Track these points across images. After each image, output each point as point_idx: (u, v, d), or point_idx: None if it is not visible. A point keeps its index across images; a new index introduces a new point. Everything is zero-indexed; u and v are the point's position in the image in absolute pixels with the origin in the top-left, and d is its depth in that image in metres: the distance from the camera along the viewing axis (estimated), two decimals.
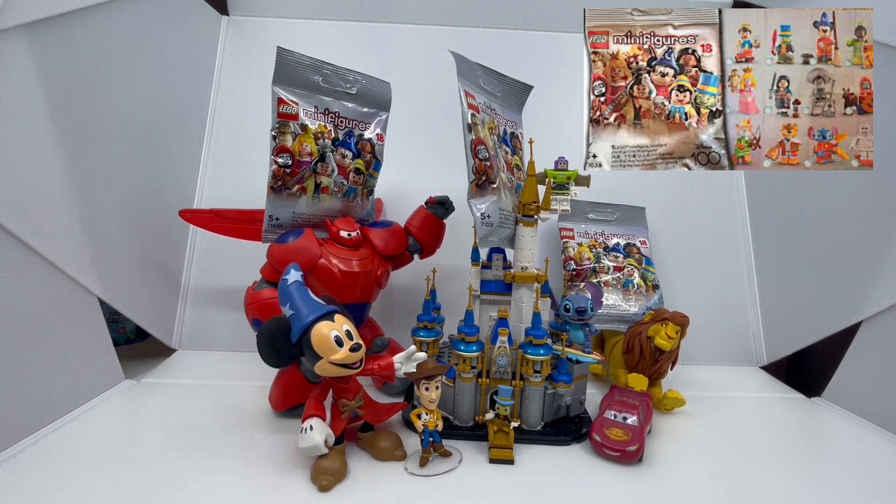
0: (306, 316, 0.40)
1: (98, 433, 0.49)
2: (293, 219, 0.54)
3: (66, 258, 0.53)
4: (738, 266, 0.81)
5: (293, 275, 0.42)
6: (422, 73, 0.83)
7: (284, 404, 0.53)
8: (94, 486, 0.41)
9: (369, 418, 0.47)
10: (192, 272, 0.76)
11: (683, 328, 0.58)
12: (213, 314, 0.75)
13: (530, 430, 0.51)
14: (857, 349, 0.62)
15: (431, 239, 0.61)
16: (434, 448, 0.45)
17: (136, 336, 0.79)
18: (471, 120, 0.50)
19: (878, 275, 0.60)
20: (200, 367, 0.68)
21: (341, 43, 0.86)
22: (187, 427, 0.51)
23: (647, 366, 0.58)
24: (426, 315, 0.56)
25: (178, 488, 0.41)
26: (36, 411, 0.49)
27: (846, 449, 0.53)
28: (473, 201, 0.50)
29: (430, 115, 0.82)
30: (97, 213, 0.59)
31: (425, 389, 0.45)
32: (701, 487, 0.44)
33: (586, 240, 0.74)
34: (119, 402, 0.56)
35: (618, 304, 0.69)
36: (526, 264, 0.53)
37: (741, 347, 0.78)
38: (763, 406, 0.63)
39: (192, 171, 0.79)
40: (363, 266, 0.54)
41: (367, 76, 0.57)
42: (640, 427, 0.49)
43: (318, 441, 0.40)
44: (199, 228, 0.65)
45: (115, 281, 0.61)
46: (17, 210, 0.47)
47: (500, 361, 0.50)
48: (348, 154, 0.56)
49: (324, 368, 0.40)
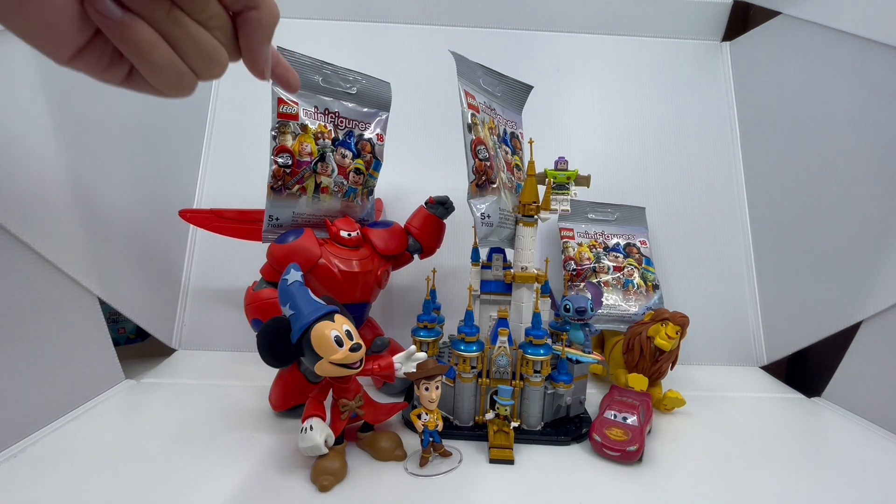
0: (306, 316, 0.40)
1: (98, 433, 0.49)
2: (293, 219, 0.54)
3: (66, 258, 0.53)
4: (738, 266, 0.81)
5: (293, 275, 0.42)
6: (422, 73, 0.83)
7: (284, 404, 0.53)
8: (94, 486, 0.41)
9: (369, 418, 0.47)
10: (192, 272, 0.76)
11: (683, 328, 0.58)
12: (213, 314, 0.75)
13: (530, 430, 0.51)
14: (857, 349, 0.62)
15: (431, 239, 0.61)
16: (434, 448, 0.45)
17: (136, 336, 0.79)
18: (471, 120, 0.50)
19: (878, 275, 0.60)
20: (200, 367, 0.68)
21: (341, 43, 0.86)
22: (187, 427, 0.51)
23: (647, 366, 0.58)
24: (426, 315, 0.56)
25: (177, 488, 0.41)
26: (36, 411, 0.49)
27: (846, 449, 0.53)
28: (473, 201, 0.50)
29: (430, 115, 0.82)
30: (97, 213, 0.59)
31: (425, 389, 0.45)
32: (701, 487, 0.44)
33: (586, 240, 0.74)
34: (119, 402, 0.56)
35: (618, 304, 0.69)
36: (526, 264, 0.53)
37: (741, 347, 0.78)
38: (763, 406, 0.63)
39: (192, 171, 0.79)
40: (363, 266, 0.54)
41: (367, 76, 0.57)
42: (640, 427, 0.49)
43: (318, 441, 0.40)
44: (199, 228, 0.65)
45: (115, 281, 0.61)
46: (18, 210, 0.47)
47: (500, 361, 0.50)
48: (348, 154, 0.56)
49: (324, 368, 0.40)
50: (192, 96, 0.26)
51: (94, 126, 0.59)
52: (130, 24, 0.21)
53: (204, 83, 0.26)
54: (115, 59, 0.23)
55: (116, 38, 0.22)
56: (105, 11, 0.21)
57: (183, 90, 0.25)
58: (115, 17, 0.21)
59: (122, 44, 0.22)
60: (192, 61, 0.24)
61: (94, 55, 0.23)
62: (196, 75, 0.25)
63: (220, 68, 0.25)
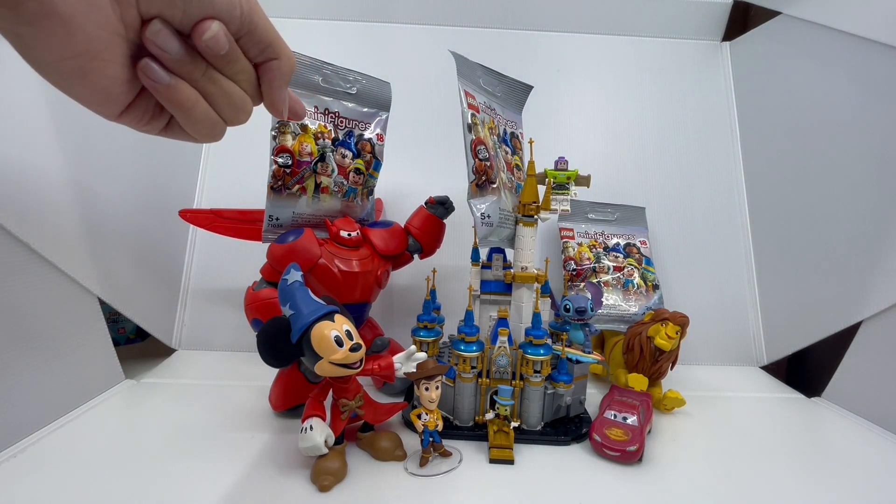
0: (306, 316, 0.40)
1: (98, 433, 0.49)
2: (293, 219, 0.54)
3: (66, 258, 0.53)
4: (738, 266, 0.81)
5: (293, 275, 0.42)
6: (422, 73, 0.83)
7: (284, 404, 0.53)
8: (94, 486, 0.41)
9: (369, 418, 0.47)
10: (192, 272, 0.76)
11: (683, 328, 0.58)
12: (213, 314, 0.75)
13: (530, 430, 0.51)
14: (857, 349, 0.62)
15: (431, 239, 0.61)
16: (434, 448, 0.45)
17: (136, 336, 0.79)
18: (471, 120, 0.50)
19: (878, 275, 0.60)
20: (200, 367, 0.68)
21: (341, 43, 0.86)
22: (187, 427, 0.51)
23: (647, 366, 0.58)
24: (426, 315, 0.56)
25: (177, 488, 0.41)
26: (36, 411, 0.49)
27: (846, 449, 0.53)
28: (473, 201, 0.50)
29: (430, 114, 0.82)
30: (97, 213, 0.59)
31: (425, 389, 0.45)
32: (701, 487, 0.44)
33: (586, 240, 0.74)
34: (119, 402, 0.56)
35: (618, 304, 0.69)
36: (526, 264, 0.53)
37: (741, 347, 0.78)
38: (763, 406, 0.63)
39: (192, 171, 0.79)
40: (363, 266, 0.54)
41: (367, 76, 0.57)
42: (640, 427, 0.49)
43: (318, 441, 0.40)
44: (199, 228, 0.65)
45: (115, 281, 0.61)
46: (17, 210, 0.47)
47: (500, 361, 0.50)
48: (348, 154, 0.56)
49: (324, 368, 0.40)
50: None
51: (94, 126, 0.59)
52: (176, 86, 0.25)
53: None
54: (156, 114, 0.27)
55: (164, 98, 0.25)
56: (156, 77, 0.24)
57: (215, 137, 0.28)
58: (163, 81, 0.24)
59: (168, 103, 0.25)
60: (224, 112, 0.27)
61: (139, 111, 0.26)
62: (225, 123, 0.28)
63: (246, 115, 0.29)
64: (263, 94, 0.29)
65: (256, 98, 0.29)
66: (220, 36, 0.24)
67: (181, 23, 0.24)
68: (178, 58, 0.24)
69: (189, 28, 0.24)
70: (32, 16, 0.21)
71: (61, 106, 0.54)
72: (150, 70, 0.24)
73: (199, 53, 0.25)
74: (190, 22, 0.24)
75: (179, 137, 0.29)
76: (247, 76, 0.27)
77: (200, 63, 0.25)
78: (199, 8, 0.23)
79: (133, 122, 0.27)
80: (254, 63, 0.27)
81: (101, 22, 0.22)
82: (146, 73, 0.24)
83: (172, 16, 0.23)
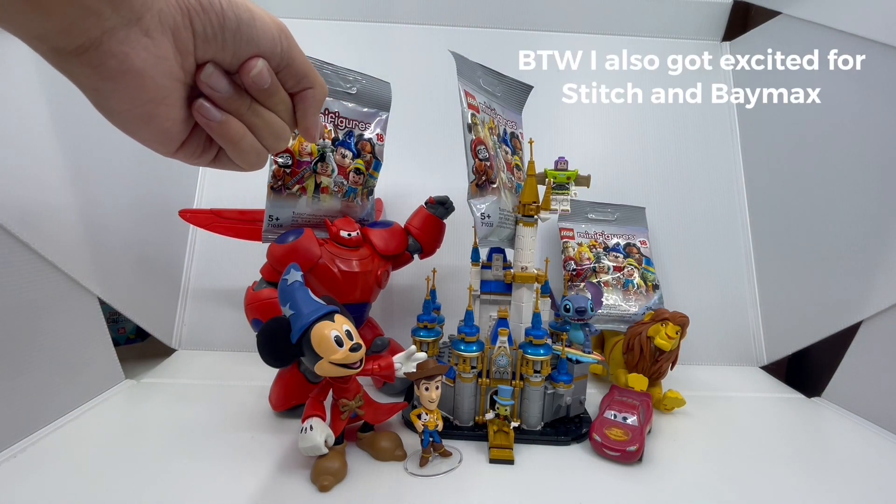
0: (306, 316, 0.40)
1: (98, 433, 0.49)
2: (293, 219, 0.54)
3: (66, 258, 0.53)
4: (738, 266, 0.81)
5: (293, 275, 0.42)
6: (422, 73, 0.83)
7: (284, 404, 0.53)
8: (94, 486, 0.41)
9: (369, 418, 0.47)
10: (192, 272, 0.76)
11: (683, 328, 0.58)
12: (213, 314, 0.75)
13: (530, 430, 0.51)
14: (857, 349, 0.62)
15: (431, 239, 0.61)
16: (434, 448, 0.45)
17: (136, 336, 0.79)
18: (471, 120, 0.50)
19: (878, 275, 0.60)
20: (200, 367, 0.68)
21: (341, 43, 0.86)
22: (187, 427, 0.51)
23: (647, 366, 0.58)
24: (426, 315, 0.56)
25: (177, 488, 0.41)
26: (36, 411, 0.49)
27: (846, 449, 0.53)
28: (473, 201, 0.50)
29: (430, 115, 0.82)
30: (97, 213, 0.59)
31: (425, 389, 0.45)
32: (701, 487, 0.44)
33: (586, 240, 0.74)
34: (119, 402, 0.56)
35: (618, 304, 0.69)
36: (526, 264, 0.53)
37: (741, 347, 0.78)
38: (763, 406, 0.63)
39: (192, 171, 0.79)
40: (363, 266, 0.54)
41: (367, 76, 0.57)
42: (640, 427, 0.49)
43: (318, 441, 0.40)
44: (199, 228, 0.65)
45: (115, 281, 0.61)
46: (18, 210, 0.47)
47: (500, 361, 0.50)
48: (348, 154, 0.56)
49: (324, 368, 0.40)
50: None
51: (93, 125, 0.58)
52: (227, 122, 0.27)
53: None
54: (207, 147, 0.29)
55: (216, 134, 0.27)
56: (210, 116, 0.26)
57: (259, 165, 0.31)
58: (216, 119, 0.26)
59: (220, 138, 0.28)
60: (266, 141, 0.29)
61: (192, 146, 0.28)
62: (267, 151, 0.30)
63: (285, 142, 0.31)
64: (298, 120, 0.30)
65: (293, 125, 0.30)
66: (264, 72, 0.26)
67: (230, 64, 0.26)
68: (228, 95, 0.26)
69: (236, 67, 0.26)
70: (112, 72, 0.22)
71: (61, 106, 0.54)
72: (205, 110, 0.26)
73: (244, 89, 0.27)
74: (238, 62, 0.26)
75: (227, 168, 0.31)
76: (285, 106, 0.29)
77: (246, 98, 0.27)
78: (247, 49, 0.26)
79: (187, 157, 0.29)
80: (290, 93, 0.29)
81: (166, 72, 0.24)
82: (202, 112, 0.26)
83: (223, 59, 0.26)
